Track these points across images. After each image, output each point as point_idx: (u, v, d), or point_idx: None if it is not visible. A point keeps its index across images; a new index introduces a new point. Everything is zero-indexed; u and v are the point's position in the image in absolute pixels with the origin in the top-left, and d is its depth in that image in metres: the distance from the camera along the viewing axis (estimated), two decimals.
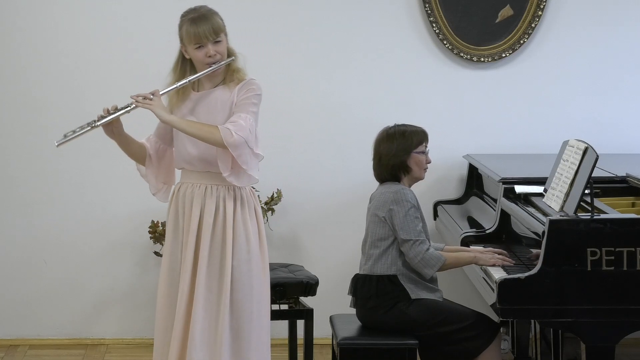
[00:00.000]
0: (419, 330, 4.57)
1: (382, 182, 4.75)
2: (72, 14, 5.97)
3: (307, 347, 5.26)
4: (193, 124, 4.17)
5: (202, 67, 4.24)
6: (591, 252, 4.11)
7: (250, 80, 4.26)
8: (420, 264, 4.54)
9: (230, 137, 4.09)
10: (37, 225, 6.06)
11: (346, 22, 6.04)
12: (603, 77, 6.12)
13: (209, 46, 4.20)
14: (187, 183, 4.29)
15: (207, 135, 4.12)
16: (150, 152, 4.37)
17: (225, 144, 4.09)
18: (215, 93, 4.27)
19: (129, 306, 6.11)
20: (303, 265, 5.76)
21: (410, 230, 4.56)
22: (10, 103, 6.01)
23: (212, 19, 4.22)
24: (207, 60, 4.21)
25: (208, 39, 4.19)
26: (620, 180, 4.95)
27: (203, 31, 4.19)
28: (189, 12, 4.27)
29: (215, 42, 4.21)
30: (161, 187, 4.42)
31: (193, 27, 4.20)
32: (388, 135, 4.74)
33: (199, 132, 4.14)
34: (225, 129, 4.10)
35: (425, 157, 4.71)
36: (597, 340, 4.16)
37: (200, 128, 4.14)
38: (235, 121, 4.13)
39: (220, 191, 4.25)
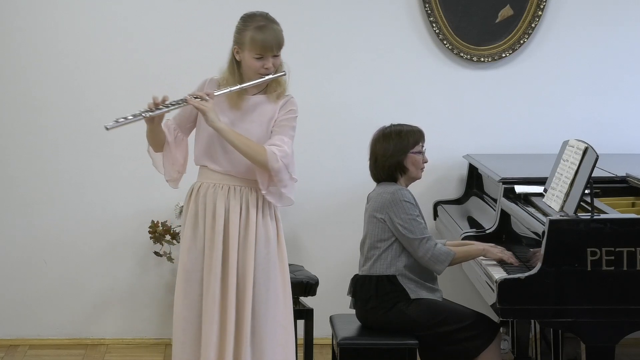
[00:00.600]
0: (418, 330, 4.57)
1: (379, 182, 4.75)
2: (72, 14, 5.97)
3: (307, 347, 5.26)
4: (242, 139, 4.13)
5: (250, 74, 4.19)
6: (591, 252, 4.12)
7: (292, 100, 4.25)
8: (431, 260, 4.55)
9: (275, 162, 4.11)
10: (37, 225, 6.06)
11: (346, 22, 6.04)
12: (603, 77, 6.12)
13: (269, 59, 4.17)
14: (208, 183, 4.25)
15: (253, 154, 4.12)
16: (168, 139, 4.30)
17: (268, 167, 4.10)
18: (258, 103, 4.23)
19: (129, 306, 6.11)
20: (303, 265, 5.76)
21: (414, 229, 4.56)
22: (10, 103, 6.01)
23: (278, 32, 4.19)
24: (262, 71, 4.18)
25: (272, 52, 4.17)
26: (620, 180, 4.95)
27: (270, 44, 4.16)
28: (254, 19, 4.20)
29: (274, 56, 4.19)
30: (176, 175, 4.36)
31: (260, 35, 4.14)
32: (384, 135, 4.73)
33: (246, 148, 4.12)
34: (272, 154, 4.10)
35: (422, 156, 4.71)
36: (597, 340, 4.16)
37: (248, 145, 4.12)
38: (280, 146, 4.13)
39: (244, 192, 4.24)
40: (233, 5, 5.92)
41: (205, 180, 4.27)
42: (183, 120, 4.32)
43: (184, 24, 5.99)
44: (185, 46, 5.95)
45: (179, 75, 5.68)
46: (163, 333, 6.05)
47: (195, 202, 4.26)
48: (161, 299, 6.06)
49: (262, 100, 4.24)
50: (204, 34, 5.88)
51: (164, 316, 6.01)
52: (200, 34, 5.90)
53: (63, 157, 6.02)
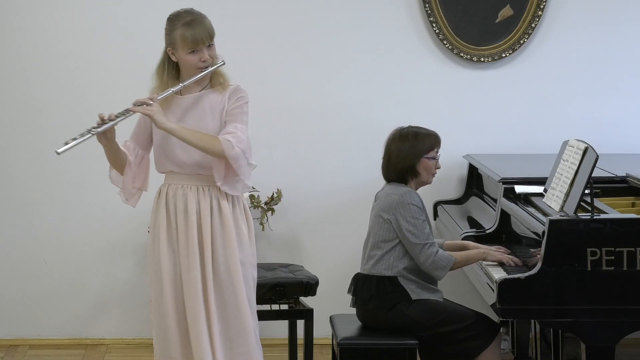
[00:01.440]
0: (419, 330, 4.57)
1: (389, 182, 4.73)
2: (72, 14, 5.97)
3: (307, 347, 5.26)
4: (194, 134, 4.16)
5: (190, 71, 4.22)
6: (591, 252, 4.12)
7: (239, 88, 4.27)
8: (432, 266, 4.55)
9: (231, 149, 4.12)
10: (37, 225, 6.06)
11: (346, 22, 6.04)
12: (603, 77, 6.12)
13: (203, 51, 4.19)
14: (177, 184, 4.28)
15: (208, 146, 4.14)
16: (130, 159, 4.32)
17: (226, 156, 4.12)
18: (204, 98, 4.26)
19: (129, 306, 6.11)
20: (303, 265, 5.76)
21: (419, 234, 4.55)
22: (10, 103, 6.01)
23: (206, 23, 4.21)
24: (200, 64, 4.20)
25: (204, 44, 4.18)
26: (620, 180, 4.95)
27: (200, 36, 4.17)
28: (181, 16, 4.24)
29: (208, 47, 4.20)
30: (135, 192, 4.39)
31: (189, 31, 4.17)
32: (401, 135, 4.71)
33: (201, 142, 4.14)
34: (227, 141, 4.12)
35: (435, 162, 4.70)
36: (597, 340, 4.16)
37: (201, 138, 4.15)
38: (233, 132, 4.15)
39: (213, 191, 4.26)
40: (233, 5, 5.94)
41: (173, 182, 4.30)
42: (139, 136, 4.34)
43: None
44: None
45: None
46: None
47: (166, 204, 4.29)
48: None
49: (210, 95, 4.26)
50: None
51: None
52: None
53: (63, 157, 6.00)
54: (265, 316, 5.28)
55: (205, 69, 4.21)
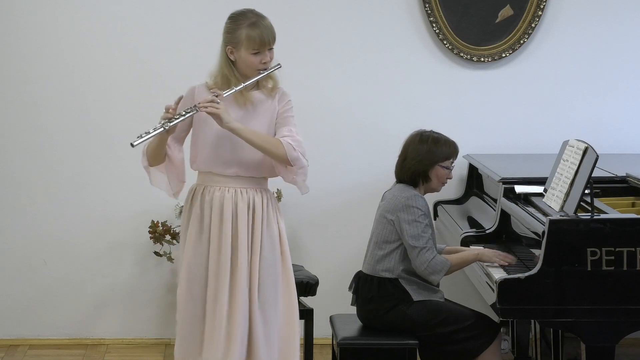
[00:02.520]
0: (419, 330, 4.57)
1: (399, 182, 4.73)
2: (72, 14, 5.97)
3: (307, 347, 5.26)
4: (259, 135, 4.17)
5: (248, 71, 4.21)
6: (591, 252, 4.12)
7: (286, 92, 4.30)
8: (427, 271, 4.55)
9: (293, 151, 4.15)
10: (37, 225, 6.06)
11: (346, 22, 6.04)
12: (603, 77, 6.11)
13: (266, 53, 4.20)
14: (214, 186, 4.24)
15: (272, 148, 4.16)
16: (168, 152, 4.30)
17: (287, 158, 4.15)
18: (257, 99, 4.25)
19: (129, 306, 6.11)
20: (303, 265, 5.76)
21: (418, 237, 4.55)
22: (10, 103, 6.01)
23: (271, 26, 4.22)
24: (260, 66, 4.20)
25: (269, 45, 4.20)
26: (620, 180, 4.95)
27: (267, 37, 4.18)
28: (244, 16, 4.22)
29: (269, 49, 4.22)
30: (181, 186, 4.37)
31: (256, 31, 4.16)
32: (421, 138, 4.70)
33: (265, 143, 4.16)
34: (288, 144, 4.15)
35: (448, 172, 4.69)
36: (597, 340, 4.16)
37: (266, 140, 4.16)
38: (291, 136, 4.19)
39: (250, 194, 4.25)
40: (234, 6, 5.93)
41: (210, 184, 4.26)
42: (178, 130, 4.30)
43: (184, 24, 5.99)
44: (185, 46, 5.95)
45: (179, 75, 5.67)
46: (163, 333, 6.05)
47: (201, 206, 4.25)
48: (161, 299, 6.06)
49: (261, 97, 4.27)
50: (204, 34, 5.87)
51: (164, 316, 6.02)
52: (200, 34, 5.90)
53: (63, 158, 6.02)
54: None
55: (264, 70, 4.21)
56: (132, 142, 4.06)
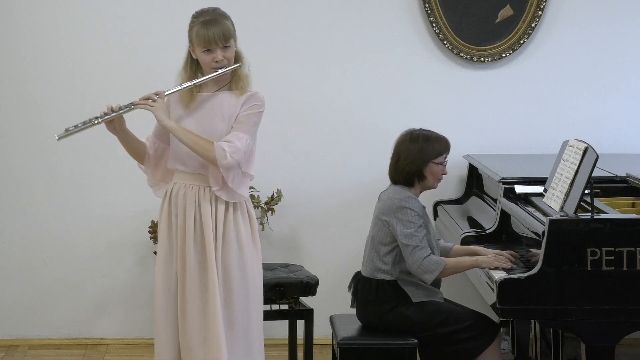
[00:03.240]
0: (419, 331, 4.56)
1: (394, 183, 4.72)
2: (72, 13, 5.97)
3: (307, 347, 5.26)
4: (189, 135, 4.18)
5: (207, 69, 4.25)
6: (591, 252, 4.12)
7: (256, 95, 4.26)
8: (420, 269, 4.52)
9: (223, 159, 4.13)
10: (37, 225, 6.06)
11: (346, 22, 6.04)
12: (603, 77, 6.11)
13: (217, 51, 4.20)
14: (180, 184, 4.31)
15: (201, 151, 4.16)
16: (149, 152, 4.39)
17: (217, 163, 4.14)
18: (219, 98, 4.27)
19: (129, 306, 6.11)
20: (303, 265, 5.76)
21: (411, 236, 4.54)
22: (10, 103, 6.01)
23: (222, 24, 4.21)
24: (213, 65, 4.21)
25: (217, 44, 4.19)
26: (620, 180, 4.95)
27: (213, 36, 4.18)
28: (201, 14, 4.25)
29: (224, 48, 4.21)
30: (158, 183, 4.44)
31: (203, 30, 4.18)
32: (412, 137, 4.69)
33: (194, 145, 4.17)
34: (221, 150, 4.13)
35: (442, 168, 4.68)
36: (597, 340, 4.16)
37: (195, 141, 4.17)
38: (232, 142, 4.16)
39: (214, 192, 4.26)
40: (234, 6, 5.93)
41: (178, 181, 4.32)
42: (159, 130, 4.37)
43: (184, 24, 5.97)
44: (185, 46, 5.94)
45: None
46: None
47: (169, 204, 4.31)
48: None
49: (225, 97, 4.27)
50: None
51: None
52: None
53: (63, 158, 6.02)
54: (265, 316, 5.26)
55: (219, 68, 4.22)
56: (56, 135, 4.17)
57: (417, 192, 4.68)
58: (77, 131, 4.19)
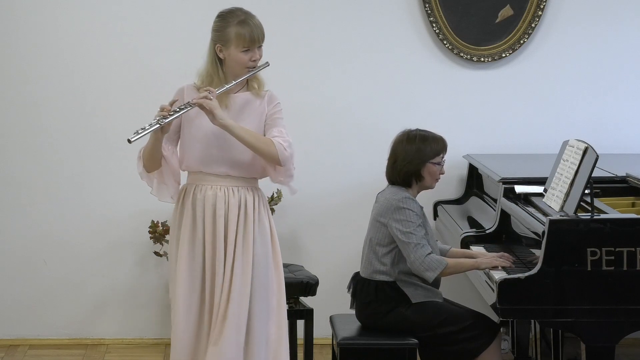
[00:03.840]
0: (419, 331, 4.56)
1: (392, 184, 4.72)
2: (72, 14, 5.97)
3: (307, 347, 5.26)
4: (251, 133, 4.15)
5: (237, 70, 4.20)
6: (591, 252, 4.12)
7: (274, 93, 4.30)
8: (422, 266, 4.51)
9: (284, 151, 4.15)
10: (37, 225, 6.06)
11: (346, 22, 6.04)
12: (603, 77, 6.12)
13: (255, 51, 4.20)
14: (205, 185, 4.24)
15: (263, 147, 4.15)
16: (164, 153, 4.28)
17: (278, 158, 4.14)
18: (244, 98, 4.25)
19: (129, 306, 6.11)
20: (303, 265, 5.76)
21: (410, 234, 4.53)
22: (10, 103, 6.01)
23: (260, 23, 4.23)
24: (250, 64, 4.20)
25: (258, 43, 4.20)
26: (620, 180, 4.95)
27: (257, 35, 4.19)
28: (236, 14, 4.23)
29: (259, 47, 4.22)
30: (178, 188, 4.35)
31: (246, 29, 4.17)
32: (408, 138, 4.68)
33: (257, 142, 4.14)
34: (280, 144, 4.14)
35: (439, 168, 4.68)
36: (597, 340, 4.16)
37: (258, 138, 4.15)
38: (283, 137, 4.18)
39: (242, 192, 4.25)
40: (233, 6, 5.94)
41: (201, 183, 4.26)
42: (172, 133, 4.30)
43: (184, 24, 5.99)
44: (185, 46, 5.95)
45: (179, 75, 5.64)
46: (163, 333, 6.05)
47: (193, 204, 4.25)
48: (161, 299, 6.06)
49: (249, 97, 4.26)
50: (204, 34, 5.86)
51: (164, 316, 6.02)
52: (200, 34, 5.88)
53: (63, 158, 6.02)
54: None
55: (253, 68, 4.21)
56: (129, 138, 4.04)
57: (414, 192, 4.68)
58: (145, 133, 4.05)
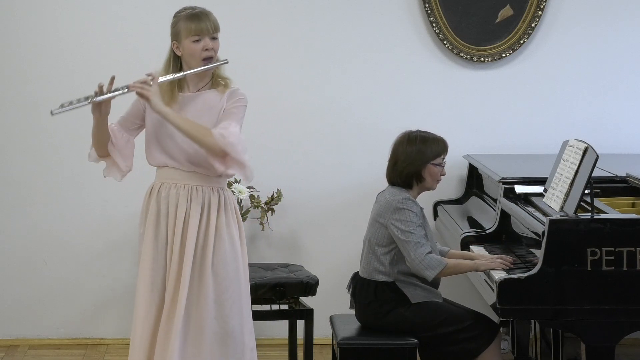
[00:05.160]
0: (418, 332, 4.56)
1: (392, 185, 4.72)
2: (71, 13, 5.97)
3: (307, 347, 5.26)
4: (187, 122, 4.13)
5: (195, 64, 4.22)
6: (591, 252, 4.12)
7: (238, 91, 4.25)
8: (421, 264, 4.51)
9: (223, 139, 4.08)
10: (37, 225, 6.06)
11: (346, 23, 6.04)
12: (603, 76, 6.12)
13: (207, 39, 4.20)
14: (170, 183, 4.25)
15: (199, 136, 4.10)
16: (113, 140, 4.30)
17: (218, 146, 4.07)
18: (203, 95, 4.25)
19: (129, 306, 6.06)
20: (303, 265, 5.76)
21: (410, 233, 4.53)
22: (10, 103, 6.01)
23: (211, 16, 4.24)
24: (203, 54, 4.19)
25: (208, 32, 4.20)
26: (620, 180, 4.95)
27: (205, 24, 4.20)
28: (185, 9, 4.29)
29: (212, 38, 4.21)
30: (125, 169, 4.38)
31: (194, 19, 4.20)
32: (409, 139, 4.68)
33: (192, 130, 4.10)
34: (219, 134, 4.09)
35: (440, 169, 4.68)
36: (597, 340, 4.16)
37: (194, 127, 4.11)
38: (226, 128, 4.12)
39: (206, 192, 4.23)
40: (234, 6, 5.94)
41: (166, 180, 4.27)
42: (127, 121, 4.33)
43: None
44: None
45: None
46: None
47: (157, 202, 4.27)
48: None
49: (212, 95, 4.25)
50: None
51: None
52: None
53: (63, 158, 6.02)
54: (265, 316, 5.29)
55: (208, 61, 4.20)
56: (51, 110, 4.10)
57: (415, 193, 4.68)
58: (72, 108, 4.11)
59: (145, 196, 4.35)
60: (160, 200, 4.27)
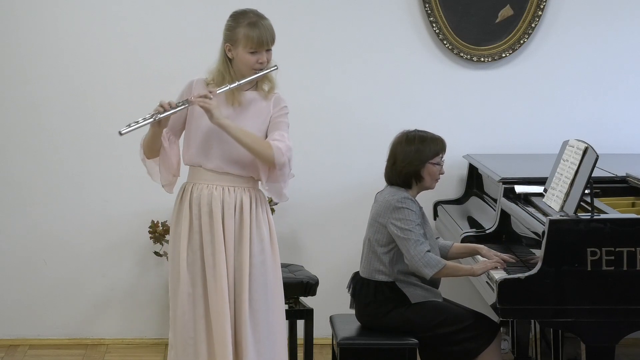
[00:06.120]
0: (419, 332, 4.56)
1: (391, 185, 4.72)
2: (71, 14, 5.97)
3: (307, 347, 5.26)
4: (248, 134, 4.16)
5: (244, 70, 4.22)
6: (591, 252, 4.12)
7: (282, 97, 4.31)
8: (421, 262, 4.50)
9: (281, 156, 4.15)
10: (37, 225, 6.06)
11: (346, 22, 6.04)
12: (603, 77, 6.12)
13: (263, 53, 4.21)
14: (202, 184, 4.26)
15: (260, 150, 4.15)
16: (164, 144, 4.31)
17: (274, 162, 4.14)
18: (250, 99, 4.26)
19: (129, 306, 6.11)
20: (303, 265, 5.76)
21: (409, 231, 4.53)
22: (10, 103, 6.01)
23: (270, 27, 4.24)
24: (256, 66, 4.22)
25: (266, 46, 4.21)
26: (620, 180, 4.95)
27: (265, 38, 4.20)
28: (245, 15, 4.25)
29: (267, 50, 4.23)
30: (172, 179, 4.38)
31: (255, 31, 4.19)
32: (407, 139, 4.68)
33: (253, 144, 4.15)
34: (278, 148, 4.14)
35: (439, 168, 4.68)
36: (597, 340, 4.16)
37: (254, 140, 4.16)
38: (283, 141, 4.17)
39: (238, 192, 4.25)
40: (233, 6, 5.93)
41: (198, 181, 4.28)
42: (174, 123, 4.33)
43: (184, 24, 5.99)
44: (185, 46, 5.95)
45: (179, 75, 5.66)
46: (163, 333, 6.04)
47: (190, 203, 4.27)
48: (161, 299, 6.06)
49: (255, 97, 4.28)
50: (204, 34, 5.88)
51: (164, 316, 6.01)
52: (200, 34, 5.90)
53: (63, 158, 6.02)
54: None
55: (260, 70, 4.22)
56: (120, 130, 4.09)
57: (414, 193, 4.68)
58: (138, 127, 4.11)
59: (177, 198, 4.35)
60: (192, 201, 4.27)
